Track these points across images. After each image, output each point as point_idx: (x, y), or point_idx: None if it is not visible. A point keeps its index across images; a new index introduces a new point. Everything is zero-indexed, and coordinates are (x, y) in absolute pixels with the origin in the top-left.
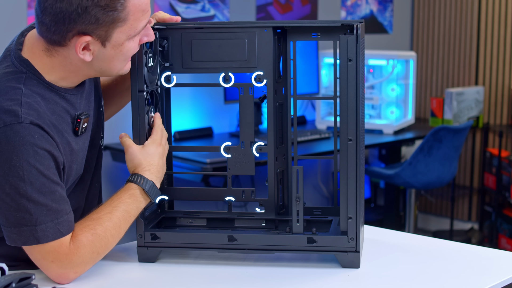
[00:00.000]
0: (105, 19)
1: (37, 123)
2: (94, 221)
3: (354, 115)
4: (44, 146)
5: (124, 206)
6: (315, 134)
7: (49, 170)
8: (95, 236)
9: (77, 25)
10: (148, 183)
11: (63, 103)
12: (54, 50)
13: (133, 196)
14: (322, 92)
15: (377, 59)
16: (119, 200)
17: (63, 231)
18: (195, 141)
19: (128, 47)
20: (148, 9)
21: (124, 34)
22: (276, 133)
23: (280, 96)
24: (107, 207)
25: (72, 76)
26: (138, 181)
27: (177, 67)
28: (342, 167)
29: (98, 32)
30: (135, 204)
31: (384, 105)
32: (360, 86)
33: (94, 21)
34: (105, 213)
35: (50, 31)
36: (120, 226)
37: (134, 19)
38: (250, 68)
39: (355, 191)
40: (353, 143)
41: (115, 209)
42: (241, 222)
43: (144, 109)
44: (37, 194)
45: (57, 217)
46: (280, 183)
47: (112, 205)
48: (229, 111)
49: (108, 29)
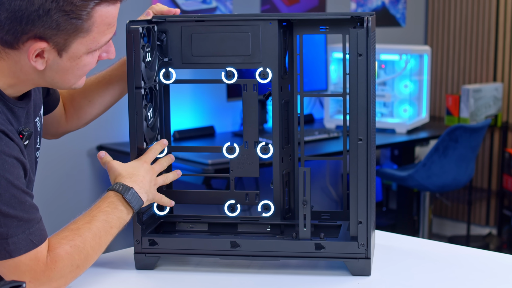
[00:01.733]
0: (66, 26)
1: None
2: (72, 232)
3: (365, 113)
4: (12, 153)
5: (103, 215)
6: (323, 133)
7: (18, 179)
8: (74, 248)
9: (34, 28)
10: (128, 190)
11: (9, 114)
12: (4, 52)
13: (112, 204)
14: (330, 89)
15: (389, 53)
16: (98, 209)
17: (35, 242)
18: (196, 141)
19: (85, 61)
20: (114, 24)
21: (84, 46)
22: (281, 132)
23: (286, 93)
24: (86, 217)
25: (21, 84)
26: (117, 188)
27: (177, 62)
28: (352, 169)
29: (56, 40)
30: (116, 214)
31: (397, 102)
32: (371, 83)
33: (55, 27)
34: (84, 223)
35: (3, 29)
36: (100, 237)
37: (98, 31)
38: (254, 63)
39: (365, 194)
40: (363, 143)
41: (94, 218)
42: (244, 227)
43: (142, 107)
44: (6, 207)
45: (29, 227)
46: (286, 185)
47: (91, 214)
48: (232, 109)
49: (68, 38)
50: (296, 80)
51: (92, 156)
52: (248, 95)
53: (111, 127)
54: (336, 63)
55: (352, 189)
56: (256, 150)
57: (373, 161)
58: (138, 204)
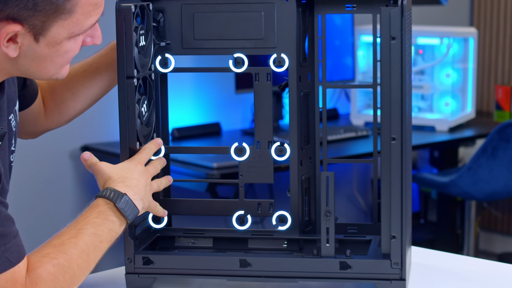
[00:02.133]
0: (45, 6)
1: None
2: (56, 249)
3: (399, 107)
4: None
5: (92, 228)
6: (349, 131)
7: None
8: (58, 267)
9: (7, 8)
10: (121, 197)
11: None
12: None
13: (103, 214)
14: (358, 79)
15: (428, 37)
16: (86, 221)
17: (12, 260)
18: (199, 140)
19: (67, 47)
20: (101, 4)
21: (66, 30)
22: (300, 130)
23: (305, 84)
24: (71, 230)
25: None
26: (107, 195)
27: (176, 47)
28: (384, 173)
29: (32, 22)
30: (106, 225)
31: (437, 95)
32: (406, 71)
33: (31, 7)
34: (69, 238)
35: None
36: (88, 254)
37: (83, 12)
38: (268, 48)
39: (400, 204)
40: (397, 142)
41: (81, 232)
42: (256, 243)
43: (134, 100)
44: None
45: (4, 243)
46: (306, 193)
47: (77, 227)
48: (241, 102)
49: (46, 20)
50: (317, 69)
51: (75, 158)
52: (260, 86)
53: (98, 124)
54: (365, 48)
55: (383, 197)
56: (270, 151)
57: (409, 164)
58: (133, 213)
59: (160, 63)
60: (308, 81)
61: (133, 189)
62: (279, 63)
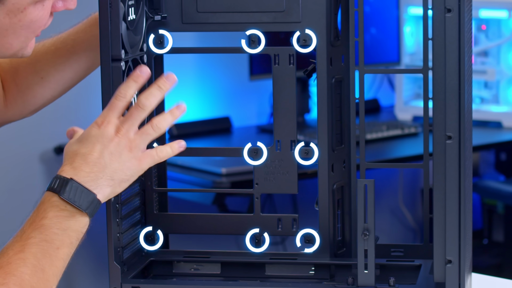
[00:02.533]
0: None
1: None
2: (3, 270)
3: (456, 98)
4: None
5: (40, 234)
6: (394, 128)
7: None
8: None
9: None
10: (65, 184)
11: None
12: None
13: (50, 211)
14: (405, 62)
15: (494, 9)
16: (33, 227)
17: None
18: (204, 139)
19: (32, 15)
20: None
21: None
22: (331, 127)
23: (338, 68)
24: (17, 243)
25: None
26: (52, 186)
27: (174, 22)
28: (437, 181)
29: None
30: (58, 226)
31: (504, 82)
32: (466, 52)
33: None
34: (15, 254)
35: None
36: (43, 269)
37: None
38: (291, 23)
39: (457, 219)
40: (454, 142)
41: (27, 244)
42: (276, 269)
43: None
44: None
45: None
46: (338, 206)
47: (23, 237)
48: (257, 92)
49: None
50: (353, 49)
51: (47, 162)
52: (281, 71)
53: (76, 120)
54: (413, 23)
55: (437, 211)
56: (293, 153)
57: (469, 170)
58: (86, 200)
59: (154, 42)
60: (341, 64)
61: (87, 167)
62: (305, 41)
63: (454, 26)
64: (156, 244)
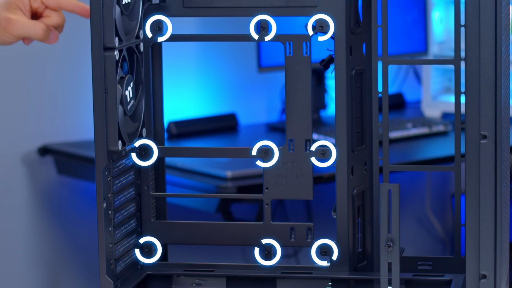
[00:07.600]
0: None
1: None
2: None
3: (492, 92)
4: None
5: None
6: (421, 126)
7: None
8: None
9: None
10: None
11: None
12: None
13: None
14: (433, 51)
15: None
16: None
17: None
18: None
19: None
20: None
21: None
22: (351, 124)
23: (358, 59)
24: None
25: None
26: None
27: (174, 6)
28: (470, 186)
29: None
30: None
31: None
32: (503, 41)
33: None
34: None
35: None
36: None
37: None
38: (306, 8)
39: (493, 229)
40: (489, 142)
41: None
42: (288, 284)
43: (115, 81)
44: None
45: None
46: (359, 214)
47: None
48: (267, 85)
49: None
50: (375, 37)
51: (31, 163)
52: (294, 61)
53: (62, 117)
54: (443, 7)
55: (469, 220)
56: (308, 154)
57: (506, 173)
58: None
59: (152, 29)
60: (362, 54)
61: None
62: (321, 28)
63: (490, 11)
64: (154, 256)
